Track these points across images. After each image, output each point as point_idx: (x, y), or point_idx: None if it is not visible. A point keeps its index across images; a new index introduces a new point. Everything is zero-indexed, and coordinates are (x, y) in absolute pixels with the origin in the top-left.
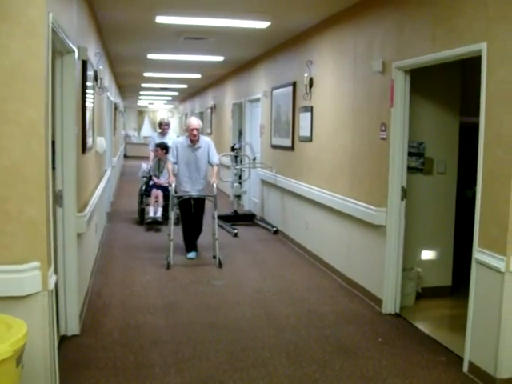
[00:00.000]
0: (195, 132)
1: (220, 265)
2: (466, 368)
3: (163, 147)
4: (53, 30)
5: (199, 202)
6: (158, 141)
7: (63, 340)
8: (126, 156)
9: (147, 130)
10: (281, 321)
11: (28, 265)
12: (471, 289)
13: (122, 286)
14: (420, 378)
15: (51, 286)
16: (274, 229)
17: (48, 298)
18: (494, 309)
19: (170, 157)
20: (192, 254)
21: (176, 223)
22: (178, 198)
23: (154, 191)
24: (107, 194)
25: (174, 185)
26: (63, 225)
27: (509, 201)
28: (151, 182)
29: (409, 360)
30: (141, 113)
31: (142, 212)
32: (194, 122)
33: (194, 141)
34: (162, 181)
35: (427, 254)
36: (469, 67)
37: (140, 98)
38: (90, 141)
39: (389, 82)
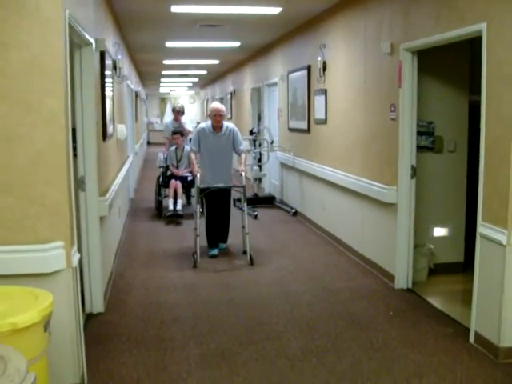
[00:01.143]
0: (219, 118)
1: (251, 261)
2: (472, 338)
3: (178, 132)
4: (70, 25)
5: (225, 193)
6: (172, 127)
7: (89, 317)
8: (149, 143)
9: (169, 117)
10: (296, 297)
11: (52, 244)
12: (476, 262)
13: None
14: (428, 348)
15: (75, 263)
16: (293, 210)
17: (72, 275)
18: (496, 281)
19: (193, 145)
20: (215, 251)
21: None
22: (203, 190)
23: (173, 182)
24: (130, 180)
25: (198, 175)
26: (86, 208)
27: (509, 176)
28: (169, 172)
29: (418, 332)
30: (163, 100)
31: (160, 204)
32: (218, 106)
33: (217, 127)
34: (182, 171)
35: (439, 231)
36: (477, 46)
37: (161, 85)
38: (110, 128)
39: (397, 63)
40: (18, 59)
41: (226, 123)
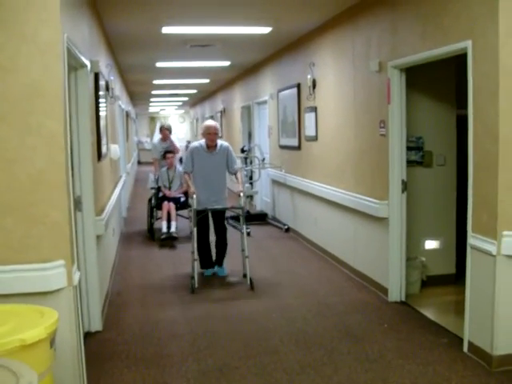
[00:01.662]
0: (213, 136)
1: (251, 286)
2: (465, 348)
3: (170, 151)
4: (67, 49)
5: (219, 215)
6: (161, 147)
7: (87, 336)
8: (139, 162)
9: (158, 136)
10: (291, 312)
11: (54, 263)
12: (467, 272)
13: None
14: (422, 358)
15: (75, 281)
16: (286, 227)
17: (73, 293)
18: (488, 290)
19: (186, 165)
20: (209, 272)
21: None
22: (200, 212)
23: (166, 204)
24: (123, 199)
25: (195, 196)
26: (83, 228)
27: (497, 189)
28: (161, 194)
29: (412, 343)
30: (152, 119)
31: (152, 227)
32: (211, 124)
33: (211, 146)
34: (174, 192)
35: (431, 244)
36: (463, 61)
37: (151, 104)
38: (104, 148)
39: (385, 80)
40: (18, 83)
41: (220, 141)
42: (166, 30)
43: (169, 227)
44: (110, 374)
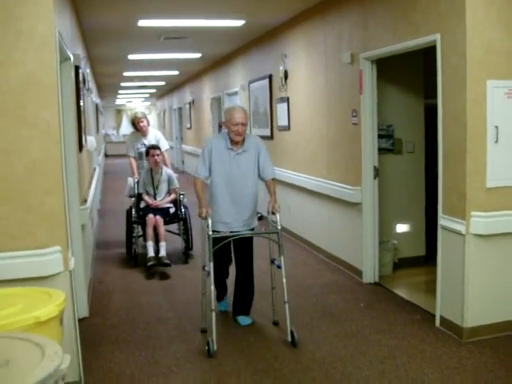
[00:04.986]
0: (240, 129)
1: (294, 342)
2: (438, 322)
3: (156, 147)
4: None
5: (246, 242)
6: (139, 143)
7: None
8: (106, 155)
9: (126, 128)
10: (260, 281)
11: (50, 249)
12: (438, 252)
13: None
14: (398, 333)
15: (71, 266)
16: (259, 215)
17: (69, 277)
18: (458, 267)
19: (200, 169)
20: (224, 305)
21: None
22: (219, 240)
23: (151, 217)
24: (97, 191)
25: (210, 220)
26: (69, 216)
27: (465, 172)
28: (143, 204)
29: (388, 320)
30: (119, 111)
31: (130, 246)
32: (239, 113)
33: (237, 142)
34: (161, 201)
35: (402, 227)
36: (430, 53)
37: (118, 96)
38: (83, 140)
39: (357, 71)
40: (14, 76)
41: (249, 136)
42: (142, 22)
43: (157, 249)
44: (103, 357)
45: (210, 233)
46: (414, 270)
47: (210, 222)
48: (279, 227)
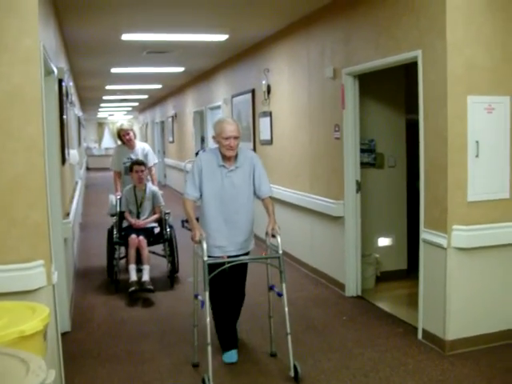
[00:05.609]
0: (232, 143)
1: (296, 376)
2: (420, 335)
3: (140, 163)
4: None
5: (241, 268)
6: (125, 157)
7: None
8: (88, 168)
9: (108, 142)
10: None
11: (34, 263)
12: (420, 265)
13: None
14: (381, 346)
15: (55, 280)
16: None
17: (52, 291)
18: (440, 280)
19: (189, 189)
20: (233, 357)
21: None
22: (215, 266)
23: (133, 238)
24: (79, 205)
25: (205, 244)
26: (52, 230)
27: (446, 187)
28: (125, 223)
29: (370, 333)
30: (100, 124)
31: (112, 270)
32: (230, 125)
33: (229, 158)
34: (144, 221)
35: (384, 241)
36: (412, 69)
37: (100, 109)
38: (66, 153)
39: (340, 86)
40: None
41: (243, 150)
42: (125, 36)
43: (140, 273)
44: (85, 372)
45: (206, 258)
46: (396, 283)
47: (205, 246)
48: (280, 251)
